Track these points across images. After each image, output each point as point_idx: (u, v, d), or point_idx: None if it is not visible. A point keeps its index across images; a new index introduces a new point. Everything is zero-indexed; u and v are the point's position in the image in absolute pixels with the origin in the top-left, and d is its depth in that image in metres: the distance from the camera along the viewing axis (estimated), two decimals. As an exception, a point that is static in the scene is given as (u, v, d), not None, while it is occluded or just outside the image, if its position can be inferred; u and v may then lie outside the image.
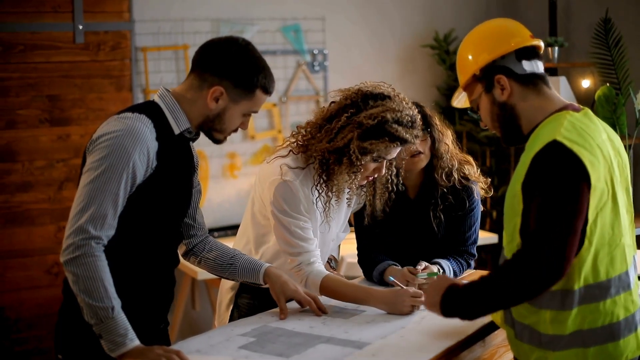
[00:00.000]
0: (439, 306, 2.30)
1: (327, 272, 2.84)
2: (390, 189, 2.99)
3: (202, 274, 4.55)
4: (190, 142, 2.56)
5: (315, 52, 5.57)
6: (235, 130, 2.51)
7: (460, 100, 2.60)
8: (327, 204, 2.87)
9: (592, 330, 2.22)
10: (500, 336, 2.68)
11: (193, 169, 2.61)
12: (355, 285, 2.85)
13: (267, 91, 2.47)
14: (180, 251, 2.77)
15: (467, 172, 3.14)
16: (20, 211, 4.68)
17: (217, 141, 2.52)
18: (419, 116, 2.82)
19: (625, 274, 2.27)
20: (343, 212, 3.06)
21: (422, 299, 2.68)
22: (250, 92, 2.42)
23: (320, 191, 2.83)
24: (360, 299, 2.77)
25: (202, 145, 5.23)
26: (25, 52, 4.67)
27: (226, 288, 3.08)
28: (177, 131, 2.43)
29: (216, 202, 5.34)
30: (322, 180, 2.81)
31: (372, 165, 2.80)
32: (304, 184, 2.81)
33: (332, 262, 3.16)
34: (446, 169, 3.08)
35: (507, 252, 2.29)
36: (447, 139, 3.12)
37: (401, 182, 3.02)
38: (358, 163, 2.74)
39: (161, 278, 2.54)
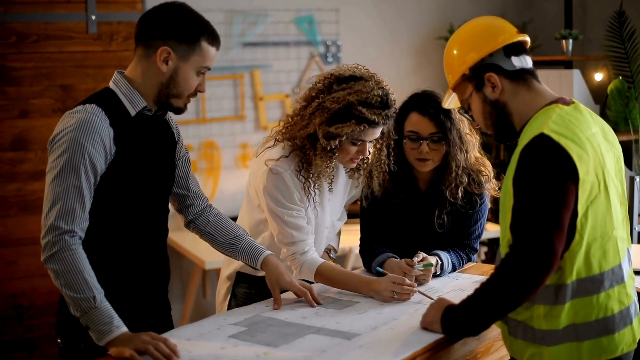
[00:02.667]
0: (440, 324, 2.35)
1: (322, 260, 2.86)
2: (385, 169, 2.99)
3: (210, 264, 4.59)
4: (168, 117, 2.61)
5: (329, 43, 5.57)
6: (194, 95, 2.50)
7: (451, 102, 2.60)
8: (313, 189, 2.88)
9: (586, 324, 2.22)
10: (496, 330, 2.66)
11: (172, 143, 2.63)
12: (349, 273, 2.87)
13: (212, 42, 2.46)
14: (182, 222, 2.81)
15: (482, 181, 3.08)
16: (33, 199, 4.74)
17: (178, 110, 2.50)
18: (393, 95, 2.80)
19: (618, 267, 2.26)
20: (339, 200, 3.07)
21: (406, 286, 2.72)
22: (195, 45, 2.42)
23: (304, 177, 2.84)
24: (353, 287, 2.80)
25: (214, 135, 5.28)
26: (38, 42, 4.72)
27: (223, 278, 3.11)
28: (133, 113, 2.45)
29: (228, 192, 5.37)
30: (303, 167, 2.83)
31: (353, 149, 2.80)
32: (294, 173, 2.83)
33: (332, 253, 3.16)
34: (452, 185, 3.04)
35: (502, 248, 2.30)
36: (468, 151, 3.05)
37: (392, 161, 3.01)
38: (329, 148, 2.74)
39: (152, 256, 2.57)
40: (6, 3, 4.63)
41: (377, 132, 2.80)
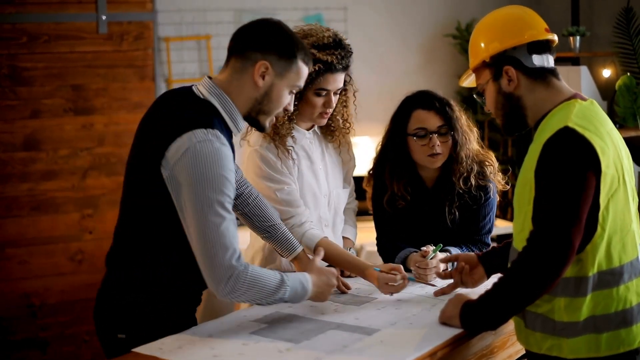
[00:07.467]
0: (459, 319, 2.37)
1: (322, 236, 2.94)
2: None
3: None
4: None
5: (337, 42, 5.57)
6: (282, 114, 2.52)
7: (469, 82, 2.61)
8: (291, 154, 2.95)
9: (606, 316, 2.24)
10: (512, 324, 2.68)
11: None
12: (346, 254, 2.95)
13: (307, 61, 2.46)
14: None
15: (487, 172, 3.12)
16: (45, 199, 4.76)
17: (262, 128, 2.50)
18: (346, 39, 2.89)
19: (636, 260, 2.29)
20: (334, 168, 3.12)
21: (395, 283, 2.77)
22: (293, 62, 2.41)
23: (281, 144, 2.92)
24: (349, 269, 2.93)
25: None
26: (49, 42, 4.73)
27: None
28: (235, 132, 2.45)
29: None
30: (276, 137, 2.91)
31: (319, 100, 2.88)
32: (272, 147, 2.92)
33: (350, 250, 3.18)
34: (464, 174, 3.07)
35: (517, 242, 2.32)
36: (471, 141, 3.10)
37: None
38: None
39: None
40: (17, 4, 4.64)
41: (338, 80, 2.87)
